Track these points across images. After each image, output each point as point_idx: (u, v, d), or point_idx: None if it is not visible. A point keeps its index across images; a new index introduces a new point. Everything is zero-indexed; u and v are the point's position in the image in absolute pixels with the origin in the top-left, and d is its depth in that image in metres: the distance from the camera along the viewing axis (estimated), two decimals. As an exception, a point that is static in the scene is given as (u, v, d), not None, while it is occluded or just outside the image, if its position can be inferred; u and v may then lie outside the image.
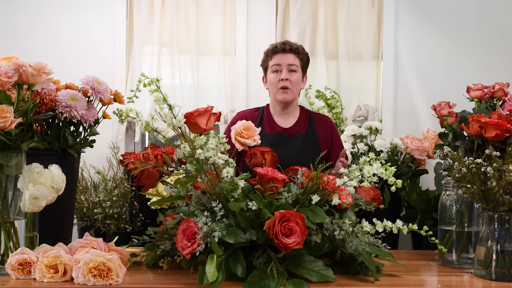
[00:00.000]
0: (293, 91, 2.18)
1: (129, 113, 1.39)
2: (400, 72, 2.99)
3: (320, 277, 1.28)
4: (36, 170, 1.40)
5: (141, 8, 2.95)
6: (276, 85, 2.18)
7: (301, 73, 2.21)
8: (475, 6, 2.98)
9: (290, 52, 2.18)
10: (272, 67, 2.19)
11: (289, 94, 2.17)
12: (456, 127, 1.77)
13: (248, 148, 1.62)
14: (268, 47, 2.25)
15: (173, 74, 2.97)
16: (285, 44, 2.19)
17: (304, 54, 2.22)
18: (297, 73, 2.18)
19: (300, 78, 2.21)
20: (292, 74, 2.17)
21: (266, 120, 2.24)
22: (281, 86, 2.16)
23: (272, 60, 2.19)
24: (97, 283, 1.25)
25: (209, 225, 1.27)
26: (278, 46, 2.19)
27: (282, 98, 2.17)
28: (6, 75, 1.32)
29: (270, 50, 2.22)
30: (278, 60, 2.17)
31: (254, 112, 2.29)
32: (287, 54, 2.17)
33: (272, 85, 2.20)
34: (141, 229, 2.29)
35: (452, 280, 1.40)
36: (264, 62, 2.25)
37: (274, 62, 2.19)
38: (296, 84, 2.19)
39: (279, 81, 2.16)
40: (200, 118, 1.39)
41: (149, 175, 1.52)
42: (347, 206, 1.42)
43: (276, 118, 2.25)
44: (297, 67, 2.18)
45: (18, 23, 2.90)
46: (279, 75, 2.17)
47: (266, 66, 2.24)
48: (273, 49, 2.20)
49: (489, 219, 1.41)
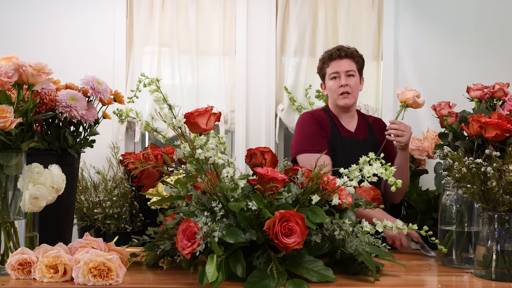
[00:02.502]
0: (353, 95, 2.21)
1: (129, 113, 1.39)
2: (400, 72, 2.99)
3: (320, 277, 1.28)
4: (36, 170, 1.40)
5: (141, 8, 2.95)
6: (336, 91, 2.20)
7: (358, 76, 2.24)
8: (474, 7, 2.98)
9: (346, 57, 2.21)
10: (330, 74, 2.22)
11: (350, 99, 2.20)
12: (456, 127, 1.77)
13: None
14: (323, 54, 2.27)
15: (173, 74, 2.98)
16: (340, 50, 2.22)
17: (359, 57, 2.25)
18: (355, 77, 2.22)
19: (358, 81, 2.24)
20: (351, 78, 2.20)
21: (338, 123, 2.25)
22: (342, 92, 2.19)
23: (329, 68, 2.22)
24: (97, 283, 1.25)
25: (209, 225, 1.27)
26: (333, 53, 2.22)
27: (344, 104, 2.20)
28: (6, 75, 1.32)
29: (326, 58, 2.25)
30: (336, 68, 2.21)
31: (320, 113, 2.28)
32: (343, 60, 2.20)
33: (332, 92, 2.23)
34: (141, 229, 2.29)
35: (452, 280, 1.40)
36: (321, 69, 2.28)
37: (332, 69, 2.22)
38: (355, 88, 2.22)
39: (339, 88, 2.20)
40: (200, 118, 1.39)
41: (149, 175, 1.52)
42: (347, 206, 1.42)
43: (342, 122, 2.26)
44: (354, 72, 2.21)
45: (18, 23, 2.90)
46: (338, 82, 2.20)
47: (323, 74, 2.27)
48: (329, 56, 2.23)
49: (489, 219, 1.41)
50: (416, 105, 2.10)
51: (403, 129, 2.05)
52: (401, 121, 2.10)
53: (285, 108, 2.97)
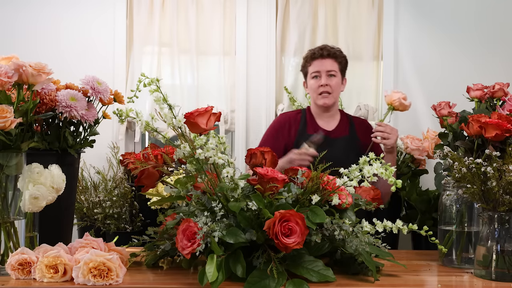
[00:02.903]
0: (333, 96, 2.22)
1: (129, 113, 1.39)
2: (400, 72, 2.99)
3: (320, 277, 1.28)
4: (36, 170, 1.40)
5: (141, 8, 2.95)
6: (316, 90, 2.22)
7: (340, 76, 2.25)
8: (474, 7, 2.98)
9: (328, 57, 2.22)
10: (312, 73, 2.23)
11: (329, 99, 2.21)
12: (456, 127, 1.77)
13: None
14: (306, 53, 2.29)
15: (173, 74, 2.98)
16: (322, 49, 2.22)
17: (342, 57, 2.26)
18: (337, 77, 2.23)
19: (340, 81, 2.25)
20: (332, 78, 2.21)
21: (309, 122, 2.27)
22: (321, 91, 2.20)
23: (311, 66, 2.24)
24: (97, 283, 1.25)
25: (209, 225, 1.27)
26: (316, 52, 2.23)
27: (323, 103, 2.22)
28: (6, 75, 1.32)
29: (308, 56, 2.26)
30: (317, 67, 2.22)
31: (296, 114, 2.33)
32: (325, 60, 2.21)
33: (312, 91, 2.24)
34: (141, 229, 2.29)
35: (452, 280, 1.40)
36: (304, 67, 2.29)
37: (313, 68, 2.23)
38: (336, 88, 2.23)
39: (319, 87, 2.21)
40: (200, 118, 1.39)
41: (149, 175, 1.52)
42: (347, 206, 1.42)
43: (319, 121, 2.28)
44: (336, 72, 2.22)
45: (18, 23, 2.90)
46: (319, 81, 2.21)
47: (305, 72, 2.29)
48: (311, 55, 2.24)
49: (489, 219, 1.41)
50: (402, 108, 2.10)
51: (390, 131, 2.05)
52: (387, 124, 2.10)
53: (285, 108, 2.97)
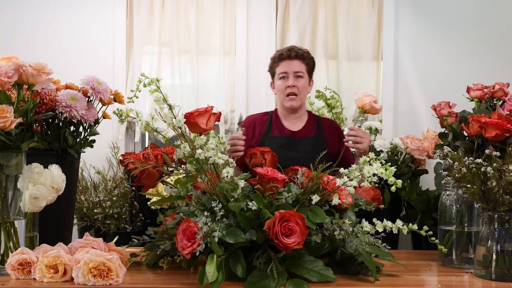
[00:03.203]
0: (300, 97, 2.22)
1: (129, 113, 1.39)
2: (400, 72, 2.99)
3: (320, 277, 1.28)
4: (36, 170, 1.40)
5: (141, 8, 2.95)
6: (283, 91, 2.22)
7: (307, 78, 2.25)
8: (474, 6, 2.98)
9: (296, 58, 2.21)
10: (279, 74, 2.22)
11: (296, 101, 2.21)
12: (456, 127, 1.77)
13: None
14: (274, 54, 2.28)
15: (173, 74, 2.97)
16: (290, 50, 2.22)
17: (310, 59, 2.25)
18: (304, 79, 2.22)
19: (307, 83, 2.24)
20: (299, 80, 2.20)
21: (274, 123, 2.27)
22: (288, 92, 2.20)
23: (279, 67, 2.23)
24: (97, 283, 1.25)
25: (209, 225, 1.27)
26: (284, 53, 2.22)
27: (290, 105, 2.22)
28: (6, 75, 1.32)
29: (276, 57, 2.25)
30: (285, 68, 2.21)
31: (263, 116, 2.33)
32: (293, 61, 2.20)
33: (279, 92, 2.24)
34: (141, 229, 2.29)
35: (452, 280, 1.40)
36: (271, 68, 2.28)
37: (281, 69, 2.22)
38: (303, 90, 2.22)
39: (286, 88, 2.20)
40: (200, 118, 1.39)
41: (149, 175, 1.52)
42: (347, 206, 1.43)
43: (285, 122, 2.28)
44: (303, 73, 2.21)
45: (18, 23, 2.90)
46: (286, 82, 2.20)
47: (273, 72, 2.28)
48: (279, 56, 2.23)
49: (489, 219, 1.41)
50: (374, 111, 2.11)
51: (362, 135, 2.04)
52: (359, 128, 2.10)
53: (285, 108, 2.97)
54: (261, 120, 2.30)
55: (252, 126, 2.29)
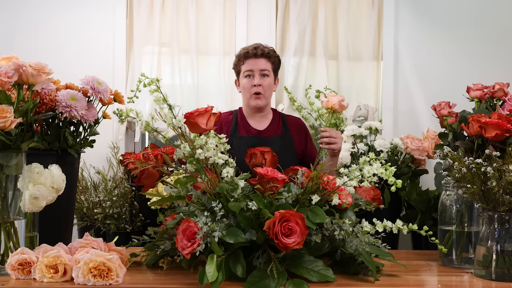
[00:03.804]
0: (265, 96, 2.21)
1: (129, 113, 1.39)
2: (400, 72, 2.99)
3: (320, 277, 1.28)
4: (36, 170, 1.40)
5: (141, 8, 2.95)
6: (249, 90, 2.20)
7: (273, 76, 2.24)
8: (475, 6, 2.98)
9: (262, 57, 2.19)
10: (245, 72, 2.21)
11: (262, 100, 2.20)
12: (456, 127, 1.77)
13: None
14: (239, 51, 2.25)
15: (173, 74, 2.98)
16: (256, 48, 2.20)
17: (275, 57, 2.24)
18: (269, 77, 2.21)
19: (272, 81, 2.24)
20: (265, 78, 2.19)
21: (240, 123, 2.26)
22: (254, 92, 2.19)
23: (244, 65, 2.21)
24: (97, 283, 1.25)
25: (209, 225, 1.27)
26: (249, 51, 2.20)
27: (256, 104, 2.20)
28: (6, 75, 1.32)
29: (242, 55, 2.22)
30: (250, 66, 2.19)
31: (228, 115, 2.31)
32: (258, 59, 2.19)
33: (245, 90, 2.22)
34: (141, 229, 2.29)
35: (452, 280, 1.40)
36: (236, 66, 2.26)
37: (246, 67, 2.20)
38: (268, 89, 2.22)
39: (252, 87, 2.19)
40: (200, 118, 1.39)
41: (149, 175, 1.52)
42: (347, 206, 1.43)
43: (250, 121, 2.26)
44: (269, 72, 2.20)
45: (18, 23, 2.90)
46: (251, 80, 2.19)
47: (238, 70, 2.26)
48: (244, 54, 2.21)
49: (489, 219, 1.41)
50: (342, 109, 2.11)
51: (335, 135, 2.04)
52: (332, 128, 2.09)
53: (285, 108, 2.97)
54: (226, 120, 2.28)
55: (220, 126, 2.27)
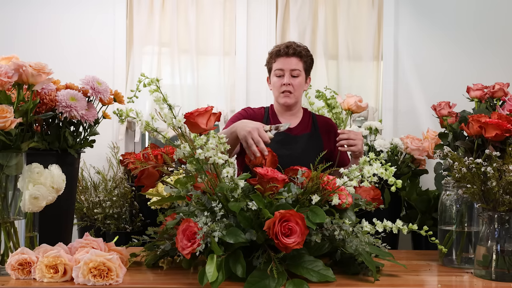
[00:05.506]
0: (295, 95, 2.19)
1: (129, 113, 1.39)
2: (400, 72, 2.99)
3: (320, 277, 1.28)
4: (36, 170, 1.40)
5: (141, 8, 2.95)
6: (278, 89, 2.19)
7: (304, 76, 2.21)
8: (474, 7, 2.98)
9: (293, 56, 2.18)
10: (275, 71, 2.20)
11: (291, 98, 2.19)
12: (456, 127, 1.77)
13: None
14: (272, 48, 2.24)
15: (173, 74, 2.98)
16: (288, 47, 2.19)
17: (308, 57, 2.22)
18: (300, 77, 2.19)
19: (303, 81, 2.22)
20: (295, 78, 2.18)
21: (271, 119, 2.25)
22: (283, 90, 2.18)
23: (276, 64, 2.20)
24: (97, 283, 1.25)
25: (209, 225, 1.27)
26: (281, 50, 2.19)
27: (284, 102, 2.19)
28: (6, 75, 1.32)
29: (274, 53, 2.22)
30: (281, 65, 2.18)
31: (260, 109, 2.30)
32: (290, 58, 2.17)
33: (275, 89, 2.22)
34: (141, 229, 2.29)
35: (452, 280, 1.40)
36: (268, 63, 2.26)
37: (277, 66, 2.19)
38: (298, 88, 2.20)
39: (281, 86, 2.18)
40: (200, 118, 1.39)
41: (149, 175, 1.52)
42: (347, 206, 1.42)
43: (281, 118, 2.26)
44: (300, 71, 2.18)
45: (18, 23, 2.90)
46: (281, 80, 2.18)
47: (270, 68, 2.25)
48: (276, 52, 2.21)
49: (489, 219, 1.41)
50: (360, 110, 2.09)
51: (354, 137, 2.01)
52: (350, 130, 2.08)
53: (285, 108, 2.97)
54: (259, 113, 2.27)
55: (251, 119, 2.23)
